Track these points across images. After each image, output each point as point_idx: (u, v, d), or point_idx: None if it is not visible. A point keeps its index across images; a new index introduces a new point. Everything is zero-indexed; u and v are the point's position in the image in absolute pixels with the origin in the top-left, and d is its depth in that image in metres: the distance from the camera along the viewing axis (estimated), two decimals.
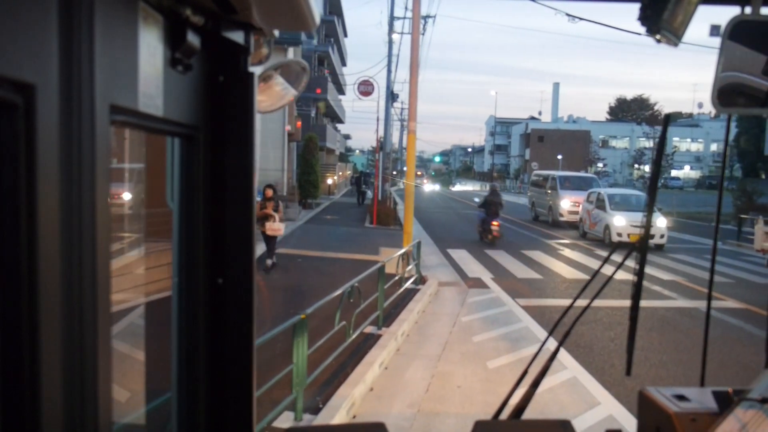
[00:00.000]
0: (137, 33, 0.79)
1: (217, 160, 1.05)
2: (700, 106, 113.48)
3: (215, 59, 1.04)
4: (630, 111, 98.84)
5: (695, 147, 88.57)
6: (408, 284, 11.66)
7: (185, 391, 1.06)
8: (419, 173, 75.72)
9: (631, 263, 1.80)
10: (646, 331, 9.24)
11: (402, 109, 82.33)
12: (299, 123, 35.18)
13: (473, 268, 14.87)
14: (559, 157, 68.79)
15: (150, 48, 0.83)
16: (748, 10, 1.50)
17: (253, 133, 1.07)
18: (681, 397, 1.71)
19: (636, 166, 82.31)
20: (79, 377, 0.66)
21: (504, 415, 1.86)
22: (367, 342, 8.00)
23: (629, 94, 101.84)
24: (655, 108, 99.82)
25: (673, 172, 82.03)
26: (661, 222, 19.39)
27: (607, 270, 1.96)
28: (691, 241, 22.03)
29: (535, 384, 1.81)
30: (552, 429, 1.68)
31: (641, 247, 1.73)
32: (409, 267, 12.28)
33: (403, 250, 11.60)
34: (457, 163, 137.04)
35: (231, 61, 1.06)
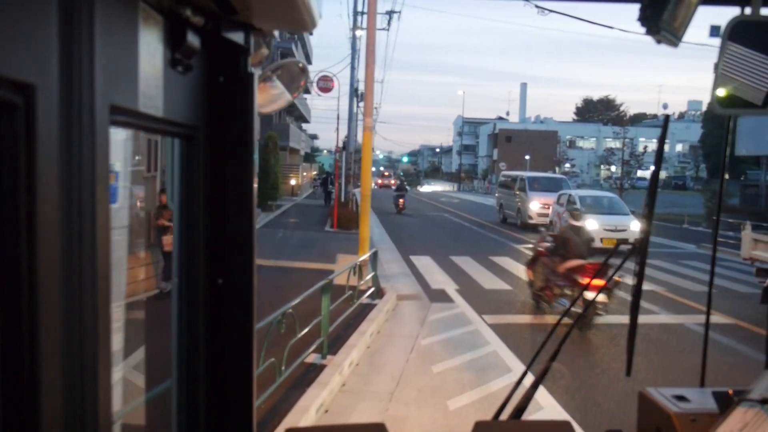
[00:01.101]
0: (137, 33, 0.79)
1: (217, 161, 1.05)
2: (665, 107, 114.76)
3: (215, 60, 1.04)
4: (596, 111, 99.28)
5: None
6: (364, 298, 10.39)
7: (185, 391, 1.06)
8: (386, 173, 74.90)
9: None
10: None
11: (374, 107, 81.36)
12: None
13: (437, 277, 13.65)
14: (527, 157, 68.47)
15: (150, 48, 0.83)
16: (747, 10, 1.51)
17: (253, 133, 1.08)
18: (681, 398, 1.70)
19: (603, 166, 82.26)
20: (79, 377, 0.66)
21: (504, 415, 1.84)
22: (307, 376, 6.70)
23: (595, 95, 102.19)
24: (621, 109, 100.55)
25: (639, 173, 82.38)
26: (635, 225, 18.44)
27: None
28: (665, 244, 21.09)
29: (536, 384, 1.77)
30: (552, 430, 1.73)
31: (642, 248, 1.69)
32: (368, 277, 11.02)
33: (356, 261, 10.29)
34: (425, 164, 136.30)
35: (231, 61, 1.06)
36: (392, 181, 79.27)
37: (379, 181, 66.81)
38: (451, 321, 9.89)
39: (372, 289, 10.81)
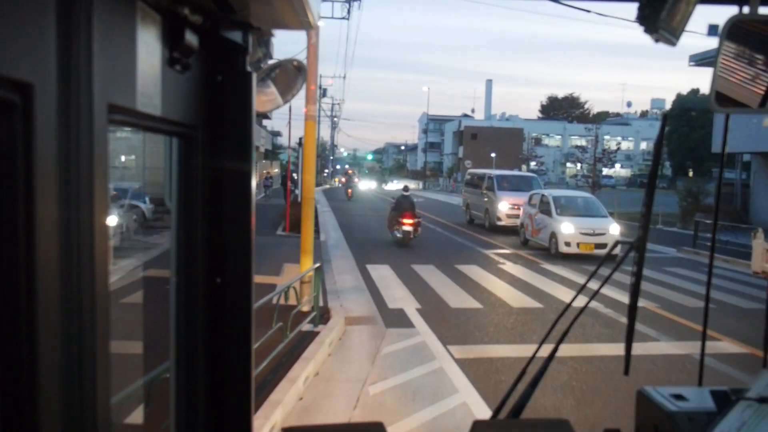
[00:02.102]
0: (135, 32, 0.79)
1: (216, 160, 1.06)
2: (629, 104, 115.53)
3: (214, 59, 1.05)
4: (561, 109, 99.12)
5: (626, 145, 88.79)
6: (305, 323, 8.43)
7: (184, 390, 1.07)
8: (350, 171, 72.70)
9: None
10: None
11: (333, 104, 78.61)
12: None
13: (396, 292, 11.74)
14: (493, 155, 67.40)
15: (148, 47, 0.83)
16: (746, 9, 1.50)
17: (251, 132, 1.08)
18: (679, 397, 1.70)
19: (569, 164, 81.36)
20: (77, 374, 0.66)
21: (502, 414, 1.88)
22: None
23: (560, 94, 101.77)
24: (585, 106, 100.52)
25: (604, 171, 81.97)
26: (614, 229, 16.81)
27: (557, 291, 1.24)
28: None
29: (534, 383, 1.79)
30: (551, 428, 1.78)
31: (640, 246, 1.67)
32: (308, 297, 9.08)
33: (289, 283, 8.28)
34: (390, 161, 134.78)
35: (229, 60, 1.06)
36: (356, 179, 77.33)
37: (343, 179, 64.35)
38: (410, 355, 7.97)
39: (313, 315, 8.84)
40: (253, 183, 1.10)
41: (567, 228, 16.65)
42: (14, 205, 0.57)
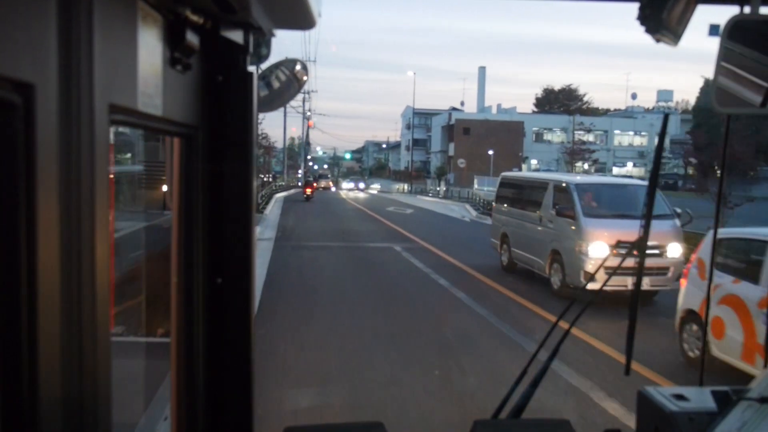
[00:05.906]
0: (136, 32, 0.79)
1: (216, 160, 1.05)
2: (634, 96, 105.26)
3: (214, 59, 1.05)
4: (557, 102, 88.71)
5: (638, 141, 78.11)
6: None
7: (184, 390, 1.06)
8: (315, 184, 57.97)
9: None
10: None
11: (303, 94, 66.57)
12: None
13: None
14: (491, 152, 56.33)
15: (149, 47, 0.82)
16: (747, 9, 1.51)
17: (252, 132, 1.09)
18: (680, 397, 1.69)
19: (578, 163, 70.75)
20: (78, 381, 0.65)
21: (503, 414, 1.85)
22: None
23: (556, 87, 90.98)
24: (584, 99, 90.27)
25: (615, 170, 71.56)
26: None
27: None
28: None
29: (535, 383, 1.79)
30: (551, 428, 1.74)
31: (640, 247, 1.70)
32: None
33: None
34: (370, 161, 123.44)
35: (230, 60, 1.06)
36: (330, 183, 64.54)
37: (314, 185, 46.40)
38: None
39: None
40: (255, 184, 1.10)
41: None
42: (15, 205, 0.57)
